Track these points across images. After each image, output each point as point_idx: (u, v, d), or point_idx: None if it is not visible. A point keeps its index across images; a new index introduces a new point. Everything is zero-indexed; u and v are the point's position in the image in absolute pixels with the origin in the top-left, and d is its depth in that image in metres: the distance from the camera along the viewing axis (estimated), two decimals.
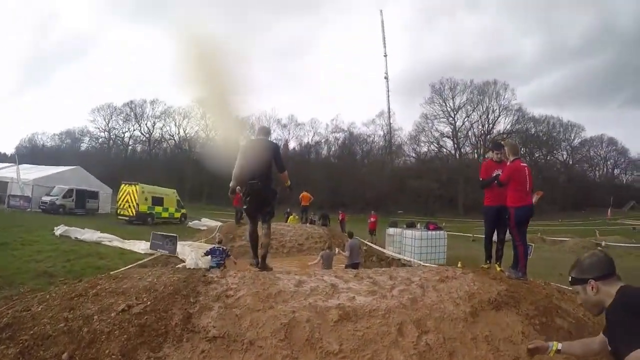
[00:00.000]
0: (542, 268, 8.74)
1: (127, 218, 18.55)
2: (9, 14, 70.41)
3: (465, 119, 52.62)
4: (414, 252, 10.75)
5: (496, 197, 4.67)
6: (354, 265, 8.66)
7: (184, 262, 8.39)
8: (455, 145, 53.38)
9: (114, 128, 54.22)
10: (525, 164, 4.54)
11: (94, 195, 22.07)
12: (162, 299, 3.07)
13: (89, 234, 11.00)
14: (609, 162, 54.56)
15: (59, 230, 11.12)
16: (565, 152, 53.20)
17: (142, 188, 19.56)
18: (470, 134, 53.00)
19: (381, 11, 59.69)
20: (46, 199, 19.13)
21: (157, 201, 20.49)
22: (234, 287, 3.45)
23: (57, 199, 19.20)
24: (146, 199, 19.64)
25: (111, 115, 53.58)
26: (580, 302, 1.72)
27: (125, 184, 19.72)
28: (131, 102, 53.53)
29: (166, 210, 21.25)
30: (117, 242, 10.71)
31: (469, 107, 52.35)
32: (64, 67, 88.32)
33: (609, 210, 36.10)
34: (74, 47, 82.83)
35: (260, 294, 3.27)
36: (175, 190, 22.89)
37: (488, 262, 4.96)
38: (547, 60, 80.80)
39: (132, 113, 53.62)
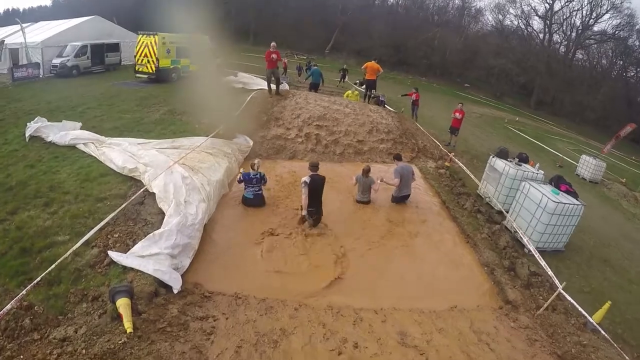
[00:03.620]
0: None
1: (146, 76, 15.13)
2: None
3: (566, 4, 40.06)
4: (532, 225, 5.91)
5: None
6: (403, 198, 6.70)
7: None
8: (547, 29, 41.59)
9: None
10: None
11: (114, 47, 18.32)
12: None
13: (62, 134, 7.76)
14: None
15: (30, 129, 8.07)
16: None
17: (163, 38, 15.14)
18: (565, 23, 40.88)
19: None
20: (56, 61, 16.00)
21: (184, 52, 16.11)
22: None
23: (69, 59, 15.88)
24: (169, 51, 15.53)
25: None
26: None
27: (142, 35, 15.44)
28: None
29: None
30: (93, 145, 7.36)
31: None
32: None
33: None
34: None
35: None
36: (207, 37, 17.66)
37: None
38: None
39: None
